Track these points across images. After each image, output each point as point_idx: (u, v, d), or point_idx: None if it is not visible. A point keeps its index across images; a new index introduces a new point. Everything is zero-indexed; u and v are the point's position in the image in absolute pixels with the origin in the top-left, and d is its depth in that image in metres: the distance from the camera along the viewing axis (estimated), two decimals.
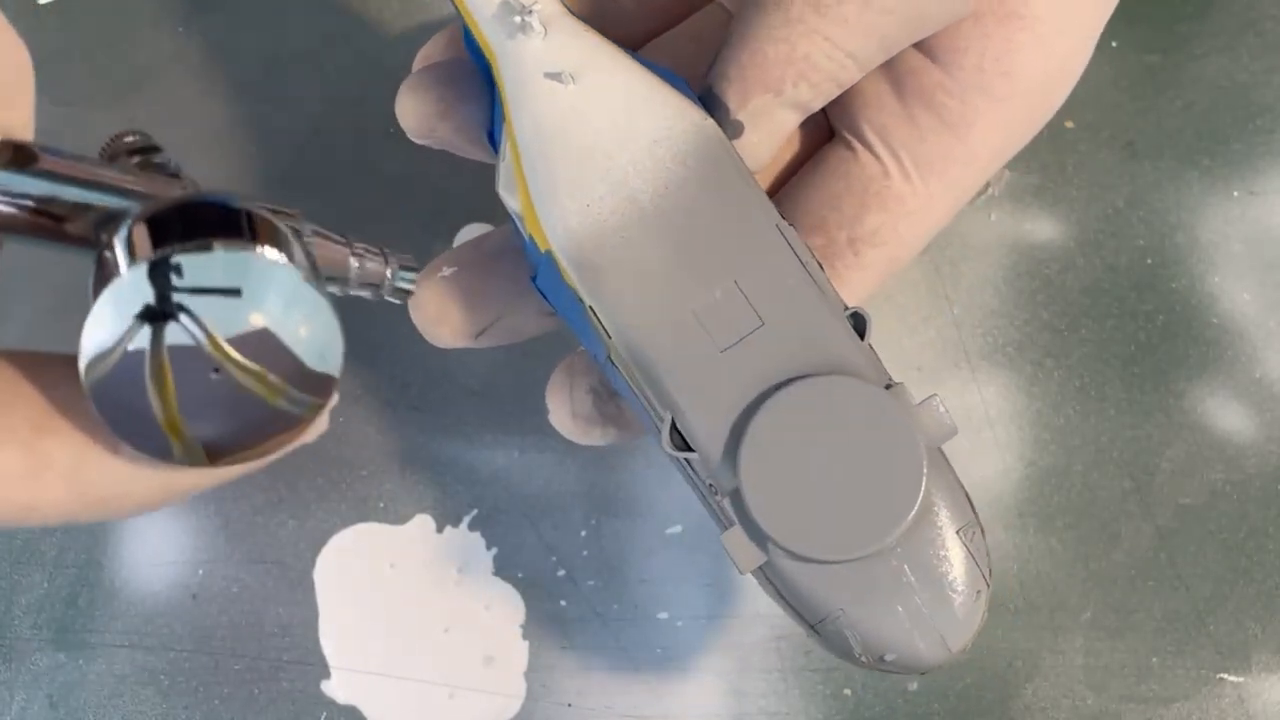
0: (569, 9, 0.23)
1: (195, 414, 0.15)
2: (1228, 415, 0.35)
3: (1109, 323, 0.36)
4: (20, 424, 0.15)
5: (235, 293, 0.14)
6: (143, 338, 0.14)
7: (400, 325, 0.38)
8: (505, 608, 0.35)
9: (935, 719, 0.34)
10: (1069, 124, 0.37)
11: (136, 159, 0.17)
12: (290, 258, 0.15)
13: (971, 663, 0.34)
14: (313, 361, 0.16)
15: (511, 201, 0.22)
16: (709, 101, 0.22)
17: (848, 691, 0.34)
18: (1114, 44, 0.38)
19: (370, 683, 0.35)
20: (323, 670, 0.35)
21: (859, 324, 0.21)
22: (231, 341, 0.15)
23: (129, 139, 0.18)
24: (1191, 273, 0.36)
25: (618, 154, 0.21)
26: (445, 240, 0.38)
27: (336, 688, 0.35)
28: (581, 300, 0.21)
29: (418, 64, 0.25)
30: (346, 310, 0.16)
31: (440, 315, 0.24)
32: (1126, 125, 0.37)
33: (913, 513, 0.20)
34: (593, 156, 0.21)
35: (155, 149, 0.18)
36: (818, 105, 0.22)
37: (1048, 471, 0.35)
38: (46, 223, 0.15)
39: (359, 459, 0.36)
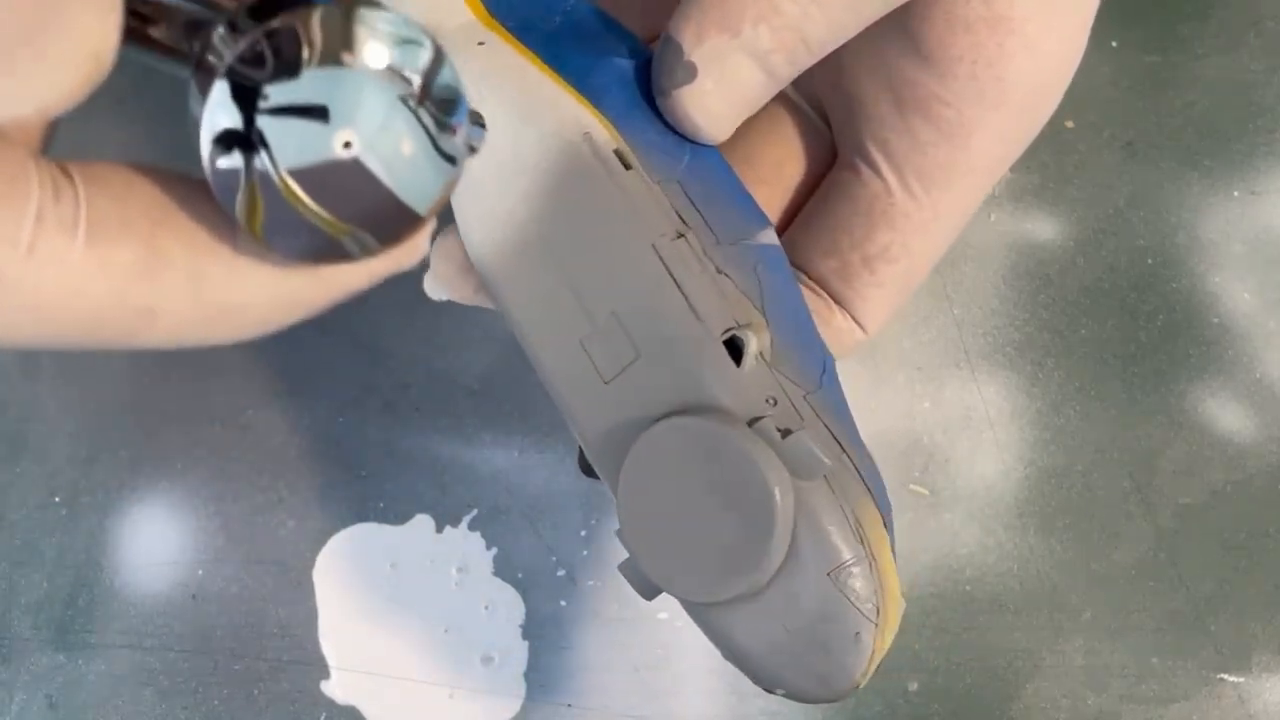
0: (489, 9, 0.21)
1: (273, 231, 0.14)
2: (1228, 415, 0.35)
3: (1109, 323, 0.36)
4: (137, 218, 0.14)
5: (322, 113, 0.14)
6: (233, 156, 0.14)
7: (401, 326, 0.38)
8: (505, 608, 0.35)
9: (935, 719, 0.34)
10: (1069, 124, 0.37)
11: None
12: (392, 65, 0.14)
13: (971, 663, 0.34)
14: (402, 193, 0.15)
15: None
16: (664, 47, 0.21)
17: None
18: (1114, 44, 0.38)
19: (370, 683, 0.35)
20: (322, 670, 0.35)
21: (736, 347, 0.20)
22: (295, 173, 0.14)
23: None
24: (1192, 273, 0.36)
25: (506, 182, 0.21)
26: None
27: (336, 688, 0.35)
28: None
29: None
30: (348, 309, 0.16)
31: (468, 266, 0.24)
32: (1126, 125, 0.37)
33: (767, 557, 0.19)
34: (485, 185, 0.21)
35: None
36: (780, 64, 0.21)
37: (1048, 471, 0.35)
38: (133, 23, 0.14)
39: (359, 459, 0.36)
